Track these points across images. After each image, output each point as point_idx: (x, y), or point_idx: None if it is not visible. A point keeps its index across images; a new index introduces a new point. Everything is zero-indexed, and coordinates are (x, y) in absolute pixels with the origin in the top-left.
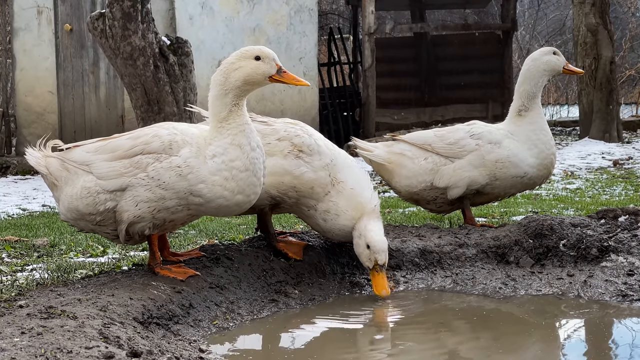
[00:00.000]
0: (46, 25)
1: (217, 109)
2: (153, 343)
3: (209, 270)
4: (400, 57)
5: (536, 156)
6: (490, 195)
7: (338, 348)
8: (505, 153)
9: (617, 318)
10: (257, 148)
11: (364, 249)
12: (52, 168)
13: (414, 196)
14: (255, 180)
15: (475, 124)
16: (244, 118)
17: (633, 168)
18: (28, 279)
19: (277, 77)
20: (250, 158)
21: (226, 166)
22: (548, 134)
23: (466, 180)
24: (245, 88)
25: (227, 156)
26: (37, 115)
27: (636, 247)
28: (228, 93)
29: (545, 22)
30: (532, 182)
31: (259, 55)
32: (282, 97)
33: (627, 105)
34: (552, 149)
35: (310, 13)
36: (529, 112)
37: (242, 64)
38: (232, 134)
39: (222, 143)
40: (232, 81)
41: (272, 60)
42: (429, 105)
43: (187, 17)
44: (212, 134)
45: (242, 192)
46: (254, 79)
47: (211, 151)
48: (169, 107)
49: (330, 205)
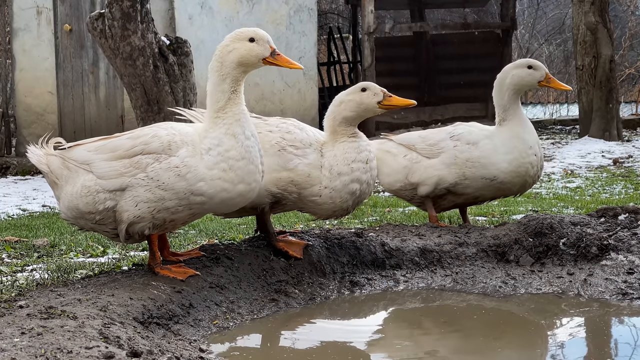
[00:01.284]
0: (46, 25)
1: (216, 97)
2: (153, 343)
3: (209, 270)
4: (399, 57)
5: (509, 162)
6: (465, 196)
7: (338, 347)
8: (477, 153)
9: (617, 316)
10: (252, 137)
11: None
12: (53, 166)
13: (396, 194)
14: (254, 168)
15: (459, 125)
16: (240, 106)
17: (633, 166)
18: (28, 279)
19: (270, 60)
20: (245, 146)
21: (222, 157)
22: (526, 143)
23: (434, 179)
24: (241, 70)
25: (222, 147)
26: (37, 115)
27: (636, 246)
28: (225, 78)
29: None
30: (506, 188)
31: (253, 37)
32: (281, 96)
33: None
34: (529, 159)
35: (310, 12)
36: (507, 122)
37: (236, 45)
38: (227, 124)
39: (217, 134)
40: (227, 64)
41: (267, 43)
42: (429, 104)
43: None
44: (207, 126)
45: (242, 181)
46: (248, 61)
47: (206, 144)
48: (168, 107)
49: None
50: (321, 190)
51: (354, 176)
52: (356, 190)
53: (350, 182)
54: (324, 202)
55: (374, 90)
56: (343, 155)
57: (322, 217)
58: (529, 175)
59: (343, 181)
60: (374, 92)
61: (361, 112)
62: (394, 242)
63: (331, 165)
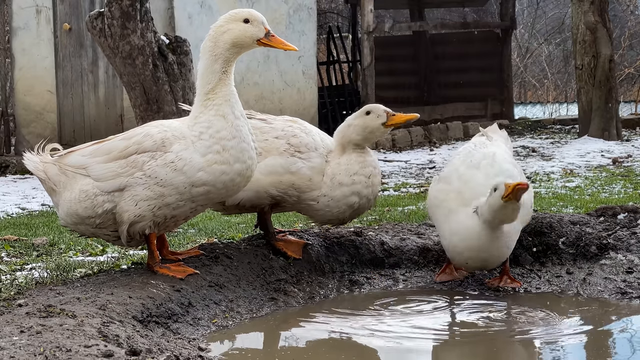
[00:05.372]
0: (45, 24)
1: (207, 79)
2: (152, 342)
3: (208, 268)
4: (399, 56)
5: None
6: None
7: (337, 346)
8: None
9: (616, 316)
10: (241, 117)
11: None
12: (50, 173)
13: None
14: (246, 145)
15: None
16: (230, 87)
17: (632, 166)
18: (27, 277)
19: (265, 41)
20: (235, 126)
21: (214, 139)
22: None
23: None
24: (234, 51)
25: (213, 128)
26: (36, 114)
27: (635, 245)
28: (218, 59)
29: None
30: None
31: (248, 18)
32: (281, 95)
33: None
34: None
35: (309, 12)
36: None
37: (231, 26)
38: (216, 104)
39: (207, 117)
40: (220, 44)
41: (261, 24)
42: (428, 103)
43: (185, 16)
44: (197, 110)
45: (238, 160)
46: (242, 42)
47: (197, 130)
48: (168, 106)
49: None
50: (320, 197)
51: (354, 189)
52: (355, 203)
53: (350, 194)
54: (321, 209)
55: (377, 112)
56: (346, 166)
57: (318, 222)
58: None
59: (343, 192)
60: (377, 115)
61: (367, 135)
62: (393, 241)
63: (333, 174)
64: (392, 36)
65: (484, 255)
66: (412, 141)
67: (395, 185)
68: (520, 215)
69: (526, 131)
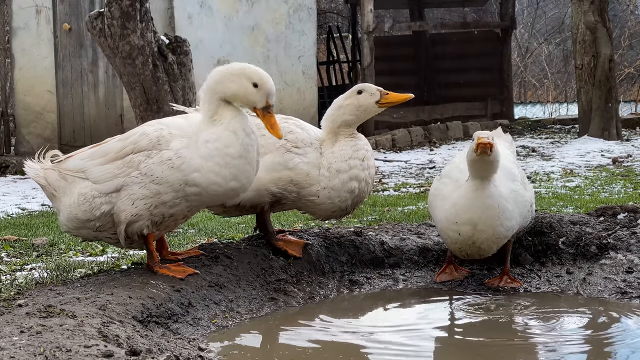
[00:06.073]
0: (45, 24)
1: (206, 106)
2: (152, 342)
3: (208, 268)
4: (399, 56)
5: None
6: None
7: (337, 346)
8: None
9: (616, 315)
10: (252, 134)
11: None
12: (51, 179)
13: None
14: (249, 168)
15: None
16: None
17: (632, 166)
18: (27, 278)
19: (258, 113)
20: (244, 144)
21: (219, 152)
22: None
23: None
24: (231, 99)
25: (221, 142)
26: (36, 114)
27: (635, 245)
28: (215, 96)
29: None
30: None
31: (257, 83)
32: (281, 95)
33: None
34: None
35: (309, 12)
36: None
37: (242, 82)
38: (226, 121)
39: (216, 130)
40: (221, 89)
41: (265, 97)
42: (428, 103)
43: (185, 16)
44: (205, 121)
45: (235, 179)
46: (240, 100)
47: (204, 137)
48: (167, 106)
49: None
50: (319, 190)
51: (352, 173)
52: (355, 188)
53: (349, 180)
54: (322, 202)
55: (370, 90)
56: (340, 152)
57: (320, 217)
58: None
59: (342, 179)
60: (370, 93)
61: (361, 115)
62: (393, 241)
63: (330, 164)
64: (392, 36)
65: (474, 219)
66: (412, 141)
67: (395, 185)
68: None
69: (526, 131)
